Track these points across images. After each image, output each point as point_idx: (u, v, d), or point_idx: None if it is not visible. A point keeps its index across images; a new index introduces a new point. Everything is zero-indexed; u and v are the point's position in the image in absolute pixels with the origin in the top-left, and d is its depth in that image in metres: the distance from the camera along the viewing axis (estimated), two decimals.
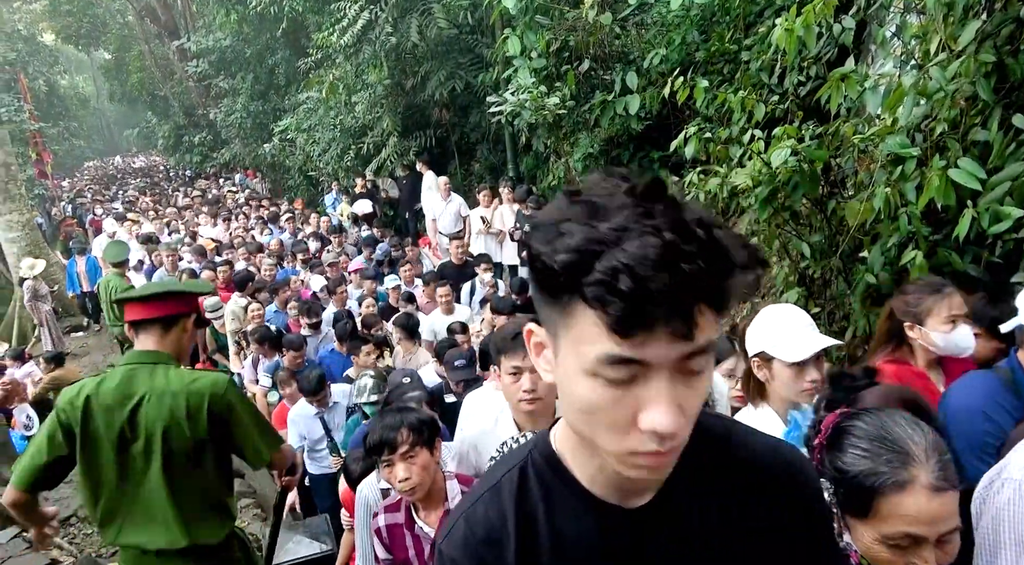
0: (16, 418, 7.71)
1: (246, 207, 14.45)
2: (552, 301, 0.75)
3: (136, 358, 2.39)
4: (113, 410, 2.29)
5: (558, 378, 0.80)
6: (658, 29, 6.92)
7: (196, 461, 2.36)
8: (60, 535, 5.21)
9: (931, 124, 3.13)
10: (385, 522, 2.28)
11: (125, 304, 2.42)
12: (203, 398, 2.33)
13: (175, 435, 2.30)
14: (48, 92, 27.75)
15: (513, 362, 2.02)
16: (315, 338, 5.90)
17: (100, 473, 2.33)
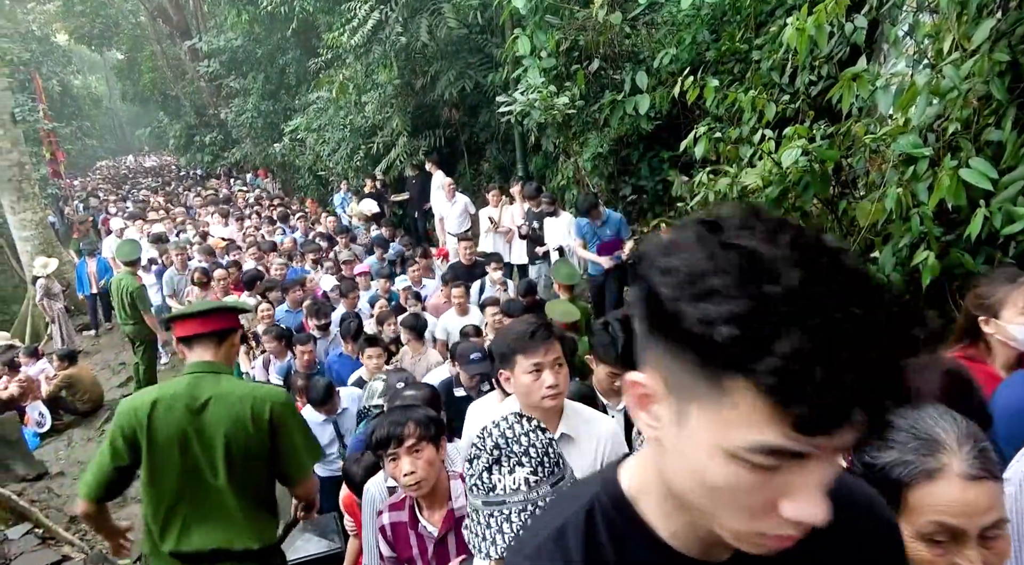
0: (29, 415, 7.79)
1: (257, 206, 14.50)
2: (692, 366, 0.64)
3: (198, 368, 2.48)
4: (179, 413, 2.37)
5: (674, 443, 0.70)
6: (668, 28, 6.91)
7: (254, 464, 2.45)
8: (71, 532, 5.26)
9: (944, 124, 3.11)
10: (389, 520, 2.28)
11: (180, 320, 2.50)
12: (266, 405, 2.45)
13: (238, 437, 2.40)
14: (61, 92, 27.99)
15: (533, 360, 2.01)
16: (324, 340, 5.87)
17: (165, 477, 2.38)
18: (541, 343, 2.01)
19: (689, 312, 0.60)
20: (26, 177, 11.44)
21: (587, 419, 2.18)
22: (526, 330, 2.05)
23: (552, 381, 2.01)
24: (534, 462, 1.27)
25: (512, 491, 1.26)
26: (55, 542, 4.99)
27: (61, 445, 7.50)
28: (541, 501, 1.25)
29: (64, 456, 7.12)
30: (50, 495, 5.80)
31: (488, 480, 1.27)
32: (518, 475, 1.26)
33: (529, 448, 1.29)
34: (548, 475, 1.27)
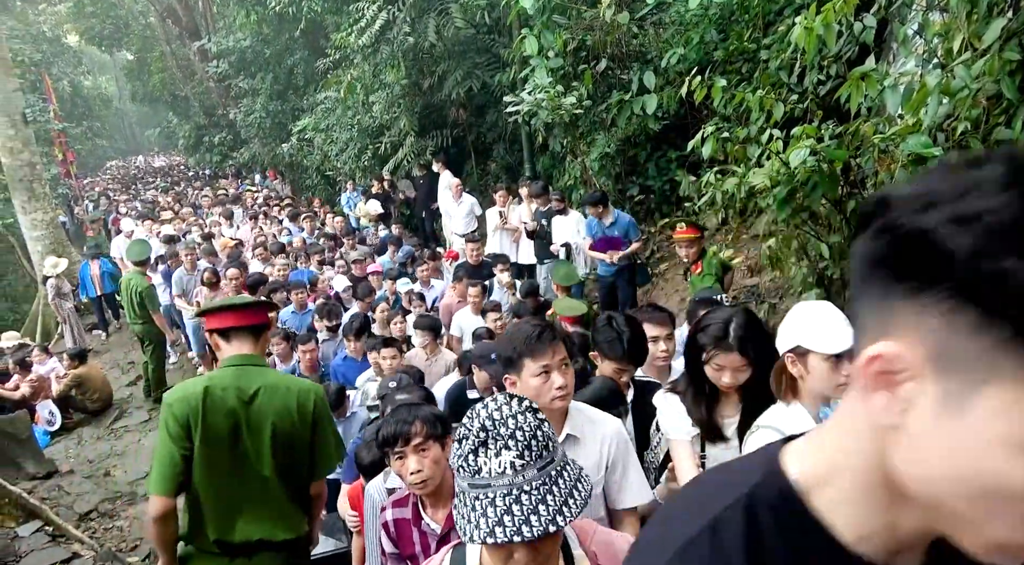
0: (39, 413, 7.85)
1: (265, 207, 14.52)
2: (995, 338, 0.52)
3: (239, 360, 2.51)
4: (231, 401, 2.41)
5: (934, 433, 0.57)
6: (676, 28, 6.89)
7: (297, 455, 2.51)
8: (81, 529, 5.29)
9: (953, 123, 3.09)
10: (392, 517, 2.27)
11: (218, 312, 2.52)
12: (310, 396, 2.54)
13: (284, 428, 2.45)
14: (72, 93, 28.19)
15: (541, 362, 2.00)
16: (332, 341, 5.83)
17: (216, 466, 2.41)
18: (548, 344, 2.00)
19: (1016, 269, 0.49)
20: (37, 177, 11.53)
21: (592, 419, 2.16)
22: (532, 332, 2.03)
23: (561, 382, 2.01)
24: (520, 446, 1.24)
25: (497, 474, 1.22)
26: (65, 540, 5.02)
27: (71, 444, 7.56)
28: (527, 485, 1.21)
29: (74, 454, 7.17)
30: (60, 493, 5.84)
31: (474, 462, 1.24)
32: (504, 458, 1.23)
33: (516, 431, 1.25)
34: (535, 459, 1.24)
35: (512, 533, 1.17)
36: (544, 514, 1.19)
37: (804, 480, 0.69)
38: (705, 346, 2.19)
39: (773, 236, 4.14)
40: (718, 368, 2.18)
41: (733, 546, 0.68)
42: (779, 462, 0.72)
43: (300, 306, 6.79)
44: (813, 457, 0.70)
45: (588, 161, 7.91)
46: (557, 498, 1.22)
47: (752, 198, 4.00)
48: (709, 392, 2.26)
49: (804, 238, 4.03)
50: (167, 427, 2.40)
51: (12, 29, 20.07)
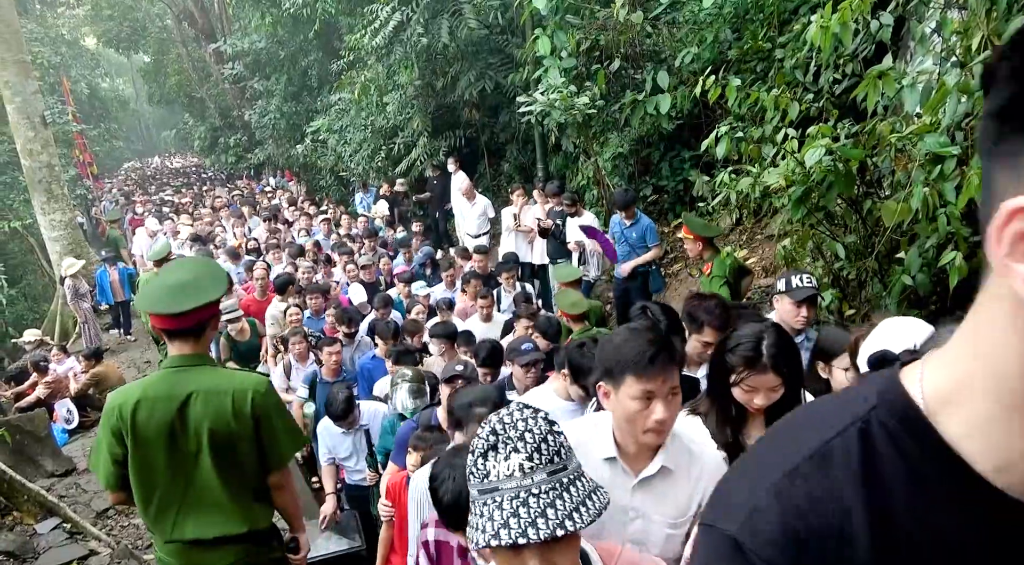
0: (57, 412, 7.95)
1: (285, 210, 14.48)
2: None
3: (178, 362, 2.48)
4: (162, 410, 2.39)
5: None
6: (690, 27, 6.86)
7: (240, 454, 2.48)
8: (98, 527, 5.35)
9: (972, 122, 3.05)
10: (434, 537, 2.13)
11: (155, 315, 2.46)
12: (247, 397, 2.45)
13: (221, 431, 2.42)
14: (90, 95, 28.49)
15: (647, 386, 1.70)
16: (349, 347, 5.71)
17: (153, 471, 2.42)
18: (660, 368, 1.70)
19: None
20: (55, 179, 11.66)
21: (690, 450, 1.87)
22: (645, 350, 1.73)
23: (662, 416, 1.71)
24: (530, 447, 1.20)
25: (506, 477, 1.19)
26: (82, 537, 5.08)
27: (88, 442, 7.63)
28: (535, 488, 1.17)
29: None
30: (78, 491, 5.91)
31: (483, 467, 1.22)
32: (513, 461, 1.19)
33: (525, 433, 1.21)
34: (546, 463, 1.20)
35: (517, 534, 1.14)
36: (552, 518, 1.15)
37: (931, 401, 0.59)
38: (735, 367, 2.03)
39: (788, 236, 4.11)
40: (750, 390, 2.02)
41: (846, 478, 0.58)
42: (899, 383, 0.61)
43: (316, 312, 6.65)
44: (941, 372, 0.59)
45: (601, 161, 7.89)
46: (567, 504, 1.18)
47: (767, 198, 3.97)
48: (735, 414, 2.11)
49: (819, 238, 4.00)
50: (102, 433, 2.46)
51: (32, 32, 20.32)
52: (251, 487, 2.54)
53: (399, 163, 11.63)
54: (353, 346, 5.77)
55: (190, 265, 2.60)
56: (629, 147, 7.70)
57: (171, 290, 2.42)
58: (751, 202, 4.10)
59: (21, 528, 5.04)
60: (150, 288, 2.46)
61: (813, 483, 0.60)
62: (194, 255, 8.57)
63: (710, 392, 2.18)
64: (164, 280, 2.48)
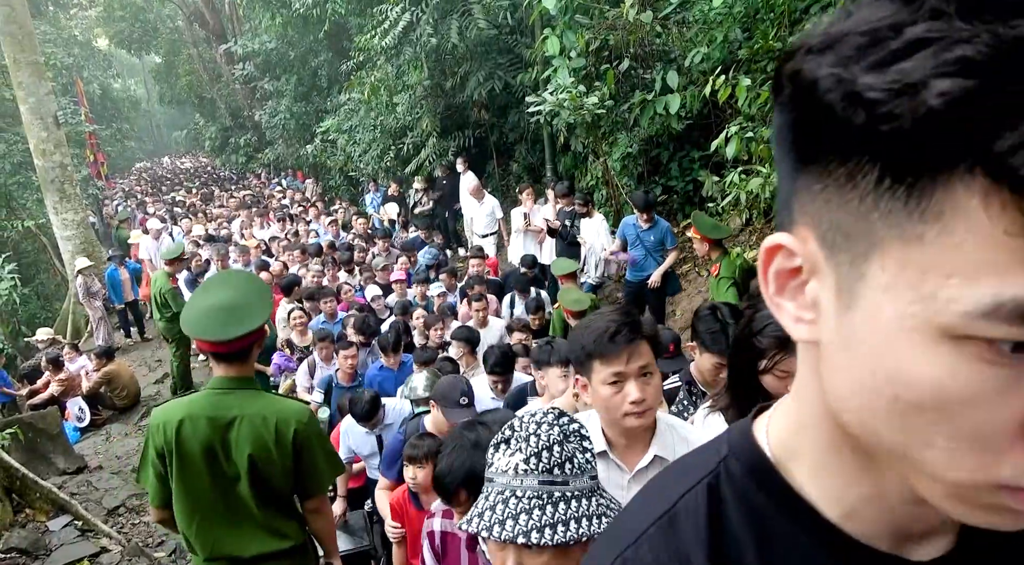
0: (69, 410, 8.02)
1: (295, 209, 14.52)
2: (871, 188, 0.40)
3: (224, 384, 2.48)
4: (205, 430, 2.40)
5: (843, 338, 0.44)
6: (700, 27, 6.83)
7: (279, 480, 2.50)
8: (109, 524, 5.38)
9: None
10: (440, 528, 2.12)
11: (206, 341, 2.43)
12: (289, 426, 2.45)
13: (261, 457, 2.43)
14: (102, 95, 28.74)
15: (614, 368, 1.62)
16: (364, 351, 5.58)
17: (195, 489, 2.44)
18: (623, 346, 1.61)
19: (874, 81, 0.38)
20: (68, 178, 11.75)
21: (687, 439, 1.77)
22: (605, 329, 1.64)
23: (636, 395, 1.62)
24: (529, 451, 1.22)
25: (501, 472, 1.23)
26: (94, 534, 5.11)
27: (100, 440, 7.70)
28: (520, 491, 1.20)
29: (103, 450, 7.30)
30: (89, 488, 5.95)
31: (492, 456, 1.27)
32: (513, 459, 1.23)
33: (531, 436, 1.23)
34: (542, 471, 1.20)
35: (484, 527, 1.18)
36: (522, 524, 1.16)
37: (779, 452, 0.55)
38: (765, 350, 1.83)
39: None
40: (784, 376, 1.80)
41: (692, 539, 0.55)
42: (750, 431, 0.58)
43: (331, 316, 6.55)
44: (787, 422, 0.56)
45: (610, 161, 7.88)
46: (544, 517, 1.17)
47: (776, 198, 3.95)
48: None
49: None
50: (146, 450, 2.47)
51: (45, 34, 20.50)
52: (286, 507, 2.58)
53: (408, 163, 11.66)
54: (367, 349, 5.66)
55: (235, 282, 2.53)
56: (638, 147, 7.69)
57: (219, 313, 2.37)
58: (761, 202, 4.08)
59: (33, 525, 5.08)
60: (195, 311, 2.40)
61: (659, 548, 0.56)
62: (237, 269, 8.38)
63: (733, 384, 1.96)
64: (209, 301, 2.41)
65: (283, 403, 2.56)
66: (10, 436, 5.69)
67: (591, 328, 1.69)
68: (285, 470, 2.46)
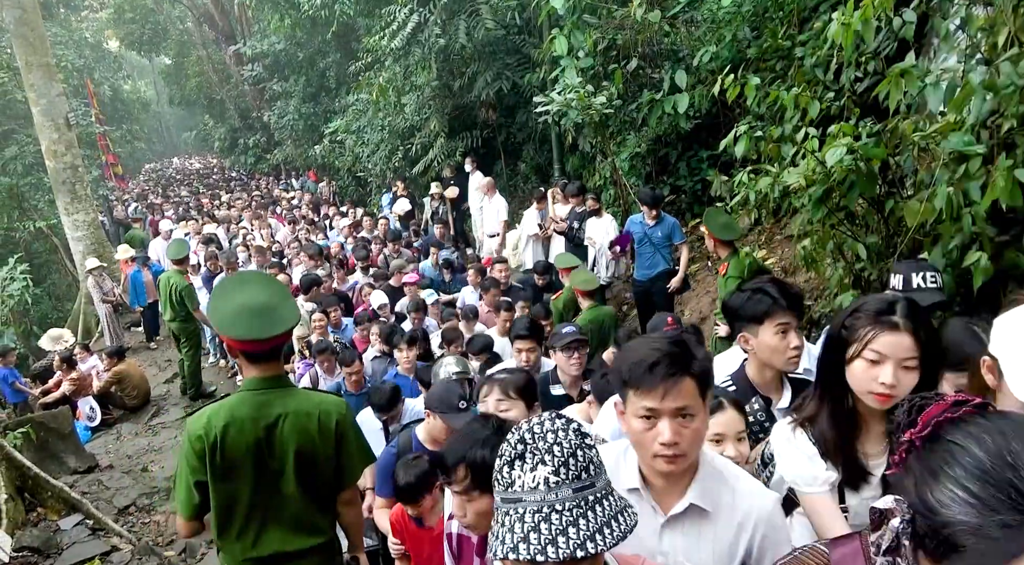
0: (80, 409, 8.08)
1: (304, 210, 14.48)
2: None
3: (260, 384, 2.52)
4: (251, 431, 2.44)
5: None
6: (708, 26, 6.81)
7: (322, 472, 2.56)
8: (120, 523, 5.41)
9: (997, 120, 2.99)
10: (457, 529, 2.09)
11: (243, 341, 2.44)
12: (332, 418, 2.55)
13: (307, 450, 2.50)
14: (112, 96, 28.92)
15: (647, 402, 1.46)
16: (383, 360, 5.53)
17: (238, 490, 2.47)
18: (661, 381, 1.44)
19: None
20: (79, 180, 11.83)
21: (734, 487, 1.56)
22: (644, 357, 1.47)
23: (667, 437, 1.44)
24: (557, 461, 1.14)
25: (530, 489, 1.13)
26: (104, 533, 5.15)
27: (110, 439, 7.75)
28: (559, 504, 1.12)
29: (113, 450, 7.35)
30: (100, 488, 5.99)
31: (508, 475, 1.17)
32: (539, 473, 1.14)
33: (554, 446, 1.16)
34: (572, 478, 1.14)
35: (536, 551, 1.08)
36: (574, 537, 1.09)
37: None
38: (858, 330, 1.61)
39: (808, 236, 4.06)
40: (876, 359, 1.58)
41: None
42: None
43: (335, 324, 6.50)
44: None
45: (618, 161, 7.86)
46: (591, 523, 1.11)
47: (786, 198, 3.93)
48: (848, 418, 1.70)
49: (840, 238, 3.95)
50: (186, 458, 2.46)
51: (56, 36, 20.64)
52: (325, 500, 2.63)
53: (416, 164, 11.67)
54: (385, 361, 5.54)
55: (257, 282, 2.56)
56: (647, 147, 7.67)
57: (254, 313, 2.40)
58: (770, 202, 4.05)
59: (45, 524, 5.12)
60: (227, 312, 2.41)
61: None
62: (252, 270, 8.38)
63: (820, 383, 1.75)
64: (238, 301, 2.43)
65: (322, 397, 2.68)
66: (22, 435, 5.74)
67: (632, 353, 1.52)
68: (328, 461, 2.55)
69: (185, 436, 2.49)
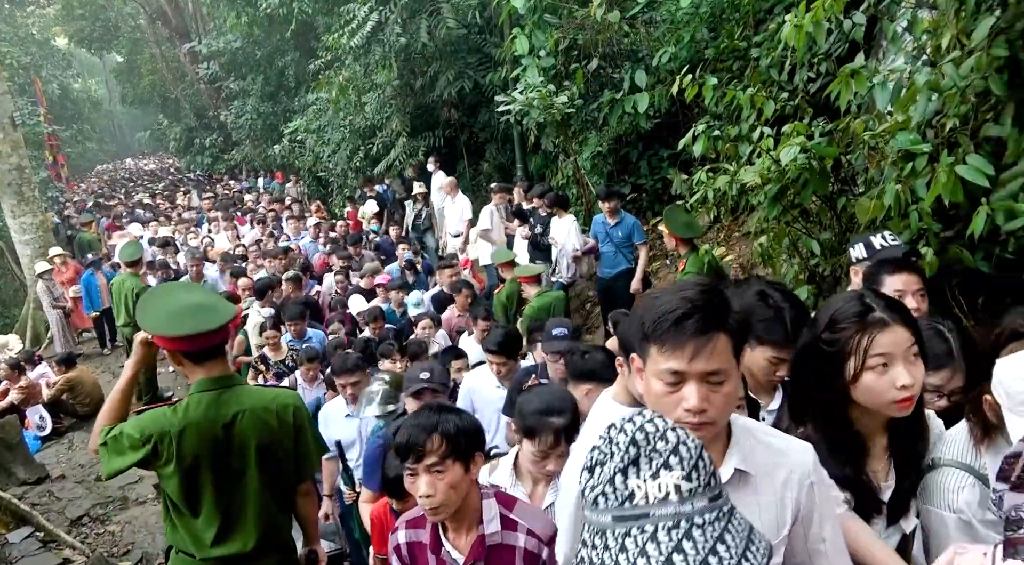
0: (30, 419, 7.80)
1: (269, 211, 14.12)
2: None
3: (210, 384, 2.47)
4: (209, 432, 2.41)
5: None
6: (667, 27, 6.90)
7: (283, 465, 2.57)
8: (72, 535, 5.25)
9: (942, 120, 3.10)
10: (406, 539, 1.99)
11: (189, 339, 2.37)
12: (288, 411, 2.58)
13: (268, 445, 2.50)
14: (61, 95, 28.06)
15: (672, 363, 1.25)
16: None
17: (198, 491, 2.43)
18: (690, 338, 1.23)
19: None
20: (26, 181, 11.44)
21: (770, 445, 1.40)
22: (672, 308, 1.25)
23: (694, 403, 1.25)
24: (686, 465, 0.93)
25: (658, 501, 0.91)
26: (56, 545, 4.99)
27: (62, 448, 7.51)
28: (698, 517, 0.90)
29: (65, 459, 7.12)
30: (51, 499, 5.80)
31: (622, 486, 0.93)
32: (666, 480, 0.92)
33: (680, 446, 0.95)
34: (705, 487, 0.93)
35: None
36: (726, 556, 0.88)
37: None
38: (846, 343, 1.47)
39: (765, 233, 4.14)
40: (884, 363, 1.43)
41: None
42: None
43: (298, 334, 5.98)
44: None
45: (580, 160, 7.91)
46: (738, 540, 0.91)
47: (743, 196, 4.00)
48: (855, 440, 1.55)
49: (795, 235, 4.04)
50: (127, 454, 2.36)
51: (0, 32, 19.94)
52: (285, 498, 2.64)
53: (378, 163, 11.57)
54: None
55: (186, 288, 2.58)
56: (608, 146, 7.73)
57: (191, 311, 2.37)
58: (728, 200, 4.13)
59: None
60: (161, 313, 2.37)
61: None
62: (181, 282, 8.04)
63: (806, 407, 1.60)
64: (170, 304, 2.40)
65: (275, 391, 2.77)
66: None
67: (658, 302, 1.29)
68: (288, 453, 2.57)
69: (135, 432, 2.36)
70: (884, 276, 2.28)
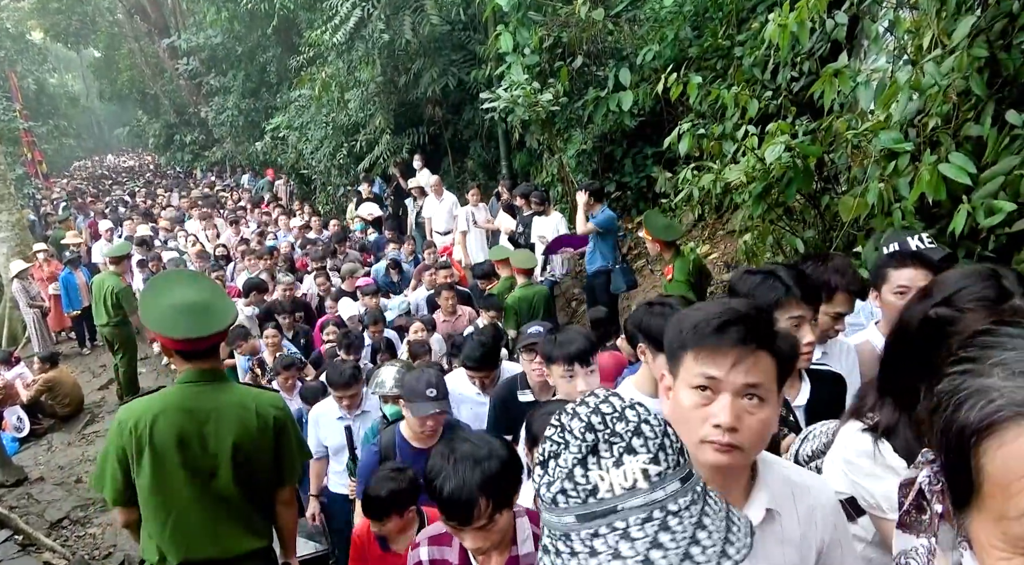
0: (7, 420, 7.67)
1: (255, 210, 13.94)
2: None
3: (196, 377, 2.44)
4: (183, 423, 2.36)
5: None
6: (651, 25, 6.92)
7: (260, 468, 2.49)
8: (52, 538, 5.18)
9: (924, 119, 3.13)
10: (428, 557, 1.86)
11: (185, 340, 2.35)
12: (269, 411, 2.49)
13: (245, 445, 2.42)
14: (37, 90, 27.54)
15: (708, 369, 1.12)
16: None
17: (170, 489, 2.37)
18: (732, 347, 1.11)
19: None
20: (2, 178, 11.24)
21: (793, 481, 1.28)
22: (715, 314, 1.14)
23: (724, 418, 1.10)
24: (652, 445, 0.82)
25: (626, 492, 0.80)
26: (36, 549, 4.92)
27: (40, 450, 7.39)
28: (672, 503, 0.80)
29: (44, 461, 7.02)
30: (30, 501, 5.71)
31: (584, 479, 0.81)
32: (631, 466, 0.80)
33: (641, 425, 0.83)
34: (675, 467, 0.82)
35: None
36: (709, 545, 0.79)
37: None
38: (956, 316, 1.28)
39: (749, 231, 4.17)
40: None
41: None
42: None
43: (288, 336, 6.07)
44: None
45: (565, 158, 7.92)
46: (717, 522, 0.82)
47: (728, 194, 4.03)
48: None
49: (779, 233, 4.08)
50: (110, 447, 2.38)
51: None
52: (264, 503, 2.57)
53: (362, 160, 11.50)
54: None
55: (189, 281, 2.48)
56: (592, 144, 7.75)
57: (189, 312, 2.34)
58: (712, 198, 4.16)
59: None
60: (162, 310, 2.34)
61: None
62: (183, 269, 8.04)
63: (896, 384, 1.40)
64: (173, 300, 2.36)
65: (258, 392, 2.66)
66: None
67: (699, 311, 1.20)
68: (266, 457, 2.49)
69: (115, 422, 2.40)
70: (889, 270, 2.16)
